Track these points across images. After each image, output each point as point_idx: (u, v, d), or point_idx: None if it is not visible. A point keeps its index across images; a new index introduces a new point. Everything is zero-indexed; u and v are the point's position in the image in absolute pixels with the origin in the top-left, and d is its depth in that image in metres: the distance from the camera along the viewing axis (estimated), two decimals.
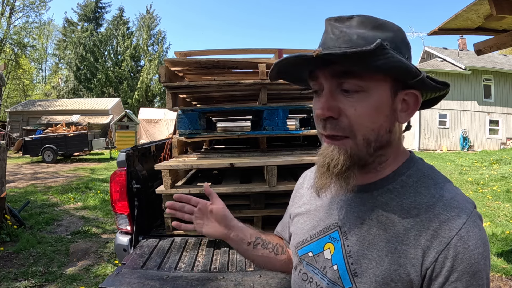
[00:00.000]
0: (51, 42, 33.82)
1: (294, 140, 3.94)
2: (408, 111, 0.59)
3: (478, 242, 0.52)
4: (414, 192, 0.58)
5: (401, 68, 0.52)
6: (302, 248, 0.69)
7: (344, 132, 0.56)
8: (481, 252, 0.52)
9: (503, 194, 6.13)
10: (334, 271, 0.60)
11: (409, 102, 0.58)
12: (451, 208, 0.54)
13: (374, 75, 0.54)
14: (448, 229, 0.52)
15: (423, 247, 0.53)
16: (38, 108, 20.26)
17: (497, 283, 2.93)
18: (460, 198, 0.57)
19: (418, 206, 0.56)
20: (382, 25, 0.56)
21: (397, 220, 0.56)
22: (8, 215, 4.25)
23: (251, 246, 0.78)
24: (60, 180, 8.47)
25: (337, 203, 0.65)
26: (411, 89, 0.57)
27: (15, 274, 3.14)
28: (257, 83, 2.26)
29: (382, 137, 0.57)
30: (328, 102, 0.56)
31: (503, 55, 19.04)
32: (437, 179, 0.59)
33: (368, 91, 0.55)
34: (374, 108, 0.55)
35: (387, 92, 0.56)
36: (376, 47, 0.48)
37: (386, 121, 0.57)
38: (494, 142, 16.22)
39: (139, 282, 1.64)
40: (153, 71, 30.12)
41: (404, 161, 0.62)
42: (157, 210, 2.39)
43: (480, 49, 2.98)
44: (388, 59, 0.51)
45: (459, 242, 0.51)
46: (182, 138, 2.35)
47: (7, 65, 21.66)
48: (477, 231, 0.53)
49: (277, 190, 2.11)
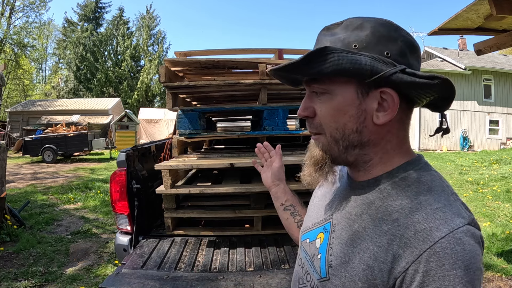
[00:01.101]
0: (51, 42, 33.85)
1: (294, 140, 3.94)
2: (387, 111, 0.57)
3: (457, 263, 0.45)
4: (402, 195, 0.55)
5: (353, 69, 0.52)
6: (304, 234, 0.73)
7: (317, 129, 0.62)
8: (460, 276, 0.45)
9: (503, 194, 6.12)
10: (318, 259, 0.63)
11: (388, 101, 0.56)
12: (432, 219, 0.50)
13: (333, 78, 0.57)
14: (422, 240, 0.48)
15: (394, 253, 0.50)
16: (38, 108, 20.25)
17: (497, 283, 2.93)
18: (452, 210, 0.51)
19: (400, 210, 0.53)
20: (361, 25, 0.57)
21: (377, 221, 0.55)
22: (8, 215, 4.25)
23: (282, 207, 0.95)
24: (60, 180, 8.47)
25: (337, 197, 0.68)
26: (385, 87, 0.55)
27: (15, 274, 3.14)
28: (257, 83, 2.26)
29: (350, 137, 0.59)
30: (305, 104, 0.63)
31: (503, 55, 19.04)
32: (433, 187, 0.55)
33: (331, 93, 0.59)
34: (335, 109, 0.59)
35: (352, 93, 0.57)
36: (305, 56, 0.54)
37: (351, 121, 0.58)
38: (494, 142, 16.22)
39: (139, 282, 1.64)
40: (153, 71, 30.11)
41: (402, 162, 0.60)
42: (157, 210, 2.39)
43: (480, 49, 2.98)
44: (331, 63, 0.53)
45: (432, 258, 0.46)
46: (182, 138, 2.35)
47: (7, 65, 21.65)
48: (459, 249, 0.46)
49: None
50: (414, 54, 0.59)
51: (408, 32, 0.59)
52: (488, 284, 2.93)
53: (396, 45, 0.56)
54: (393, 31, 0.57)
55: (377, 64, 0.53)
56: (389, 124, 0.58)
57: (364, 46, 0.55)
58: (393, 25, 0.58)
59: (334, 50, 0.53)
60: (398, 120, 0.59)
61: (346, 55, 0.53)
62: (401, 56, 0.56)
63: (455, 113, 16.12)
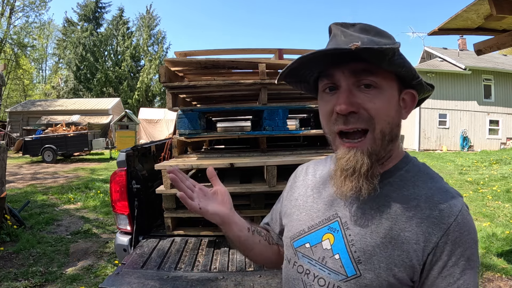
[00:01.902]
0: (51, 42, 33.83)
1: (294, 140, 3.94)
2: (406, 109, 0.65)
3: (470, 228, 0.58)
4: (412, 185, 0.63)
5: (409, 70, 0.59)
6: (298, 239, 0.69)
7: (366, 124, 0.60)
8: (473, 237, 0.58)
9: (503, 194, 6.12)
10: (336, 260, 0.62)
11: (407, 100, 0.65)
12: (448, 198, 0.60)
13: (387, 74, 0.60)
14: (447, 216, 0.57)
15: (425, 233, 0.57)
16: (38, 108, 20.26)
17: (497, 283, 2.93)
18: (453, 189, 0.63)
19: (417, 197, 0.61)
20: (382, 32, 0.62)
21: (398, 210, 0.60)
22: (8, 215, 4.25)
23: (250, 233, 0.78)
24: (60, 180, 8.47)
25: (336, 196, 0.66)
26: (410, 89, 0.64)
27: (15, 274, 3.14)
28: (257, 83, 2.26)
29: (393, 131, 0.63)
30: (349, 98, 0.60)
31: (503, 55, 19.03)
32: (431, 174, 0.66)
33: (382, 88, 0.60)
34: (388, 103, 0.61)
35: (395, 90, 0.62)
36: (399, 46, 0.55)
37: (396, 116, 0.63)
38: (494, 142, 16.22)
39: (139, 282, 1.64)
40: (153, 71, 30.10)
41: (402, 157, 0.67)
42: (157, 210, 2.39)
43: (480, 49, 2.98)
44: (402, 60, 0.57)
45: (456, 227, 0.57)
46: (182, 138, 2.35)
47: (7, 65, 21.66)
48: (469, 218, 0.59)
49: (277, 190, 2.11)
50: None
51: None
52: (488, 284, 2.92)
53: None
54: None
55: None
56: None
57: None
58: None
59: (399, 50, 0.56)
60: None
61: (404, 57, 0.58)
62: None
63: (455, 113, 16.12)
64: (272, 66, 2.41)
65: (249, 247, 0.79)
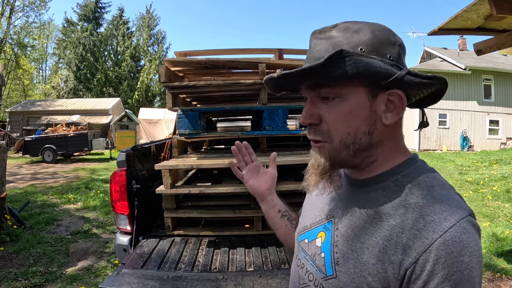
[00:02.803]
0: (51, 42, 33.83)
1: (294, 140, 3.94)
2: (394, 111, 0.59)
3: (464, 250, 0.49)
4: (406, 191, 0.58)
5: (367, 72, 0.54)
6: (301, 234, 0.73)
7: (323, 137, 0.60)
8: (467, 262, 0.49)
9: (503, 194, 6.12)
10: (321, 258, 0.63)
11: (394, 102, 0.59)
12: (440, 211, 0.52)
13: (344, 82, 0.56)
14: (432, 230, 0.51)
15: (404, 246, 0.52)
16: (38, 108, 20.25)
17: (497, 283, 2.93)
18: (454, 203, 0.54)
19: (407, 205, 0.56)
20: (361, 29, 0.58)
21: (384, 217, 0.57)
22: (8, 215, 4.25)
23: (280, 214, 0.91)
24: (60, 180, 8.47)
25: (336, 196, 0.68)
26: (393, 89, 0.58)
27: (15, 274, 3.14)
28: (257, 83, 2.26)
29: (361, 140, 0.59)
30: (309, 110, 0.61)
31: (503, 55, 19.04)
32: (433, 183, 0.58)
33: (343, 97, 0.58)
34: (348, 113, 0.58)
35: (363, 96, 0.58)
36: (326, 59, 0.52)
37: (363, 124, 0.58)
38: (494, 142, 16.22)
39: (139, 282, 1.64)
40: (153, 71, 30.10)
41: (402, 160, 0.62)
42: (157, 210, 2.39)
43: (480, 49, 2.98)
44: (349, 66, 0.52)
45: (442, 246, 0.49)
46: (182, 138, 2.35)
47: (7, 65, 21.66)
48: (465, 238, 0.50)
49: (277, 190, 2.10)
50: (405, 56, 0.62)
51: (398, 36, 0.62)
52: (488, 284, 2.93)
53: (395, 49, 0.59)
54: (391, 36, 0.60)
55: (389, 67, 0.55)
56: (395, 124, 0.61)
57: (370, 50, 0.56)
58: (390, 29, 0.61)
59: (350, 53, 0.53)
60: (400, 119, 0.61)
61: (361, 58, 0.53)
62: (399, 59, 0.59)
63: (455, 113, 16.12)
64: (272, 66, 2.40)
65: (276, 226, 0.91)
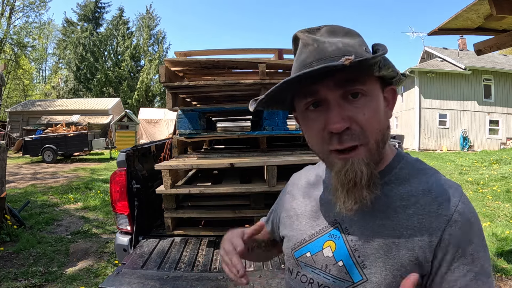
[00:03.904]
0: (51, 42, 33.83)
1: (294, 140, 3.94)
2: (389, 106, 0.63)
3: (474, 215, 0.57)
4: (408, 182, 0.61)
5: (393, 72, 0.59)
6: (299, 249, 0.68)
7: (360, 140, 0.55)
8: (478, 224, 0.57)
9: (503, 194, 6.12)
10: (340, 267, 0.60)
11: (388, 98, 0.63)
12: (445, 190, 0.58)
13: (372, 78, 0.58)
14: (447, 207, 0.56)
15: (428, 229, 0.56)
16: (38, 108, 20.26)
17: (497, 283, 2.93)
18: (449, 181, 0.61)
19: (415, 193, 0.59)
20: (350, 32, 0.59)
21: (398, 209, 0.59)
22: (8, 215, 4.25)
23: (249, 252, 0.81)
24: (60, 180, 8.47)
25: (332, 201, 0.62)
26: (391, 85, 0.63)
27: (15, 274, 3.14)
28: (257, 83, 2.26)
29: (385, 136, 0.60)
30: (341, 113, 0.55)
31: (503, 55, 19.03)
32: (426, 170, 0.64)
33: (370, 95, 0.57)
34: (377, 110, 0.58)
35: (380, 92, 0.60)
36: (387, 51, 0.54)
37: (385, 119, 0.61)
38: (494, 142, 16.22)
39: (139, 282, 1.64)
40: (153, 71, 30.12)
41: (394, 155, 0.66)
42: (157, 210, 2.39)
43: (480, 49, 2.98)
44: (387, 62, 0.57)
45: (459, 217, 0.55)
46: (182, 138, 2.35)
47: (7, 65, 21.66)
48: (471, 206, 0.58)
49: (277, 190, 2.11)
50: None
51: None
52: None
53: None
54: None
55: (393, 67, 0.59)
56: None
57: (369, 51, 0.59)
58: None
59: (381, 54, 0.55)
60: None
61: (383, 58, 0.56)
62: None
63: (455, 113, 16.12)
64: (272, 66, 2.41)
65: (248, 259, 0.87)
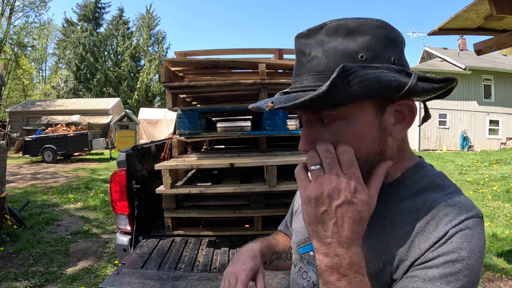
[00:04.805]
0: (51, 42, 33.82)
1: (294, 140, 3.94)
2: (404, 122, 0.54)
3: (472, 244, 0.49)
4: (418, 197, 0.55)
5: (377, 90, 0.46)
6: (303, 246, 0.69)
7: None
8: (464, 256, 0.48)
9: (503, 194, 6.12)
10: None
11: (403, 112, 0.53)
12: (451, 209, 0.52)
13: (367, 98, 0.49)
14: (444, 224, 0.50)
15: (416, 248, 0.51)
16: (38, 108, 20.25)
17: (497, 283, 2.93)
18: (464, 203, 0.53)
19: (419, 210, 0.54)
20: (356, 29, 0.49)
21: (397, 224, 0.55)
22: (8, 215, 4.25)
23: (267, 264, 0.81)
24: (60, 180, 8.47)
25: None
26: (403, 99, 0.51)
27: (15, 274, 3.14)
28: (257, 83, 2.26)
29: (372, 161, 0.53)
30: (309, 135, 0.53)
31: (503, 55, 19.04)
32: (444, 187, 0.56)
33: (347, 118, 0.50)
34: (355, 136, 0.51)
35: (371, 114, 0.51)
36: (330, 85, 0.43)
37: (374, 145, 0.53)
38: (494, 142, 16.22)
39: (139, 282, 1.64)
40: (153, 71, 30.12)
41: (410, 166, 0.59)
42: (157, 210, 2.39)
43: (480, 49, 2.98)
44: (356, 86, 0.44)
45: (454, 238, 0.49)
46: (182, 138, 2.35)
47: (7, 65, 21.66)
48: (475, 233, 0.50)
49: (277, 190, 2.11)
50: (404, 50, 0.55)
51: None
52: (488, 284, 2.92)
53: (397, 48, 0.52)
54: (390, 32, 0.51)
55: (398, 77, 0.47)
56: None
57: (372, 56, 0.49)
58: (387, 24, 0.52)
59: (353, 69, 0.44)
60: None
61: (366, 72, 0.45)
62: (402, 59, 0.52)
63: (455, 113, 16.12)
64: (272, 66, 2.41)
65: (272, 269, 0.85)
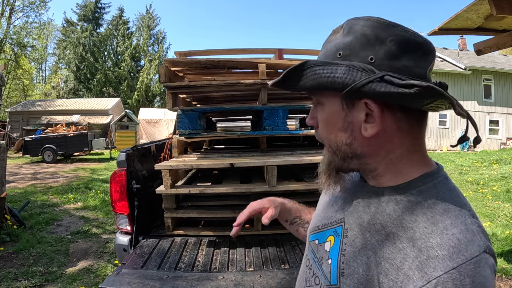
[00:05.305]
0: (51, 42, 33.82)
1: (294, 140, 3.94)
2: (374, 123, 0.54)
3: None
4: (419, 211, 0.52)
5: (324, 83, 0.52)
6: (313, 234, 0.70)
7: (320, 139, 0.64)
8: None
9: (503, 194, 6.13)
10: (328, 264, 0.60)
11: (373, 112, 0.53)
12: (447, 246, 0.46)
13: (322, 90, 0.57)
14: (433, 267, 0.45)
15: (405, 274, 0.48)
16: (38, 108, 20.25)
17: (497, 283, 2.93)
18: (467, 237, 0.48)
19: (415, 228, 0.50)
20: (352, 28, 0.55)
21: (391, 236, 0.52)
22: (8, 215, 4.25)
23: (288, 223, 0.93)
24: (60, 180, 8.47)
25: (349, 198, 0.63)
26: (364, 98, 0.53)
27: (15, 274, 3.14)
28: (257, 83, 2.26)
29: (342, 148, 0.58)
30: (311, 113, 0.64)
31: (503, 55, 19.05)
32: (450, 206, 0.51)
33: (323, 105, 0.59)
34: (325, 121, 0.60)
35: (337, 105, 0.57)
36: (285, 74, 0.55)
37: (340, 134, 0.58)
38: (494, 142, 16.22)
39: (139, 282, 1.64)
40: (153, 71, 30.11)
41: (420, 174, 0.56)
42: (157, 210, 2.39)
43: (480, 49, 2.98)
44: (308, 78, 0.53)
45: (439, 286, 0.44)
46: (182, 138, 2.35)
47: (7, 65, 21.66)
48: (467, 281, 0.44)
49: (277, 190, 2.11)
50: (414, 52, 0.52)
51: (405, 28, 0.52)
52: None
53: (384, 47, 0.52)
54: (381, 31, 0.52)
55: (350, 75, 0.50)
56: (385, 134, 0.54)
57: (347, 54, 0.54)
58: (382, 24, 0.52)
59: (312, 64, 0.53)
60: (396, 129, 0.55)
61: (322, 68, 0.52)
62: (390, 59, 0.51)
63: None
64: (272, 66, 2.41)
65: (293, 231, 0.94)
